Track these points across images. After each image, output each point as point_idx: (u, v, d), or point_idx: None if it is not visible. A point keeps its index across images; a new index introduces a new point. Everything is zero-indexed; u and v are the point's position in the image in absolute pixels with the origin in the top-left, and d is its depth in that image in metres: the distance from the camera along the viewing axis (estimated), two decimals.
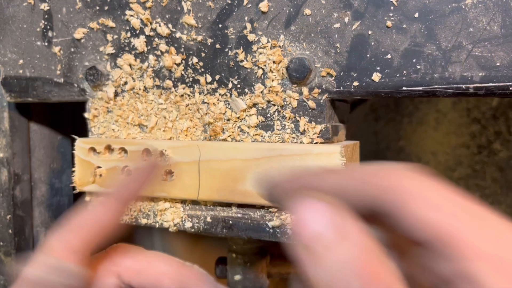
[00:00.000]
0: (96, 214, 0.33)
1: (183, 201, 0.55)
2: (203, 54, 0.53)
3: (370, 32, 0.46)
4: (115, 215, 0.34)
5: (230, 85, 0.52)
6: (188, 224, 0.55)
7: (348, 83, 0.47)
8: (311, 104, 0.49)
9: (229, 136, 0.53)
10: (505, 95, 0.42)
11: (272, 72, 0.50)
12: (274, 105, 0.50)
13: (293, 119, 0.50)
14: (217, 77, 0.53)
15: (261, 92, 0.51)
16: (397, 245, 0.27)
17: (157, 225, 0.57)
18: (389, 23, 0.45)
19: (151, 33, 0.55)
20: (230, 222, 0.53)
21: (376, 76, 0.45)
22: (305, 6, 0.48)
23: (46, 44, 0.61)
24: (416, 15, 0.44)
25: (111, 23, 0.57)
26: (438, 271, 0.24)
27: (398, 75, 0.45)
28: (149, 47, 0.55)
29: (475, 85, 0.42)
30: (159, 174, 0.53)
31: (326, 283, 0.21)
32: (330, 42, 0.47)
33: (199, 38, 0.53)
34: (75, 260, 0.31)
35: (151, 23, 0.55)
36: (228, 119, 0.52)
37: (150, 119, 0.56)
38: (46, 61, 0.61)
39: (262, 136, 0.51)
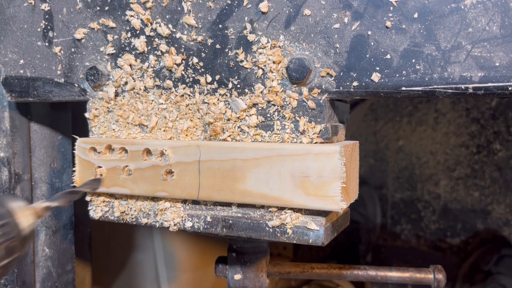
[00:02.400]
0: None
1: (184, 201, 0.56)
2: (203, 54, 0.53)
3: (369, 33, 0.46)
4: None
5: (230, 85, 0.52)
6: (188, 224, 0.55)
7: (348, 83, 0.47)
8: (311, 104, 0.49)
9: (229, 136, 0.53)
10: (504, 95, 0.42)
11: (272, 72, 0.50)
12: (274, 105, 0.51)
13: (293, 119, 0.50)
14: (217, 77, 0.53)
15: (261, 92, 0.51)
16: None
17: (157, 225, 0.57)
18: (388, 24, 0.45)
19: (152, 33, 0.55)
20: (230, 221, 0.53)
21: (375, 76, 0.46)
22: (304, 7, 0.48)
23: (47, 44, 0.61)
24: (416, 15, 0.44)
25: (111, 23, 0.57)
26: None
27: (397, 75, 0.45)
28: (149, 47, 0.56)
29: (474, 85, 0.42)
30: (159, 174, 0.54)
31: None
32: (329, 42, 0.48)
33: (199, 38, 0.53)
34: None
35: (151, 24, 0.55)
36: (228, 119, 0.53)
37: (151, 119, 0.56)
38: (46, 61, 0.61)
39: (262, 136, 0.52)
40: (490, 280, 1.24)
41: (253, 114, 0.52)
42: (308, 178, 0.47)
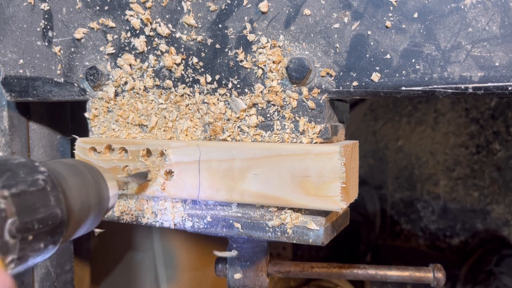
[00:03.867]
0: None
1: (184, 201, 0.56)
2: (203, 54, 0.53)
3: (369, 32, 0.46)
4: None
5: (230, 85, 0.52)
6: (188, 224, 0.55)
7: (348, 83, 0.47)
8: (311, 104, 0.49)
9: (229, 136, 0.53)
10: (504, 95, 0.42)
11: (272, 72, 0.50)
12: (274, 105, 0.51)
13: (293, 119, 0.50)
14: (217, 77, 0.53)
15: (261, 92, 0.51)
16: None
17: (157, 225, 0.57)
18: (388, 23, 0.45)
19: (151, 33, 0.55)
20: (230, 221, 0.53)
21: (375, 76, 0.46)
22: (304, 6, 0.48)
23: (46, 44, 0.61)
24: (416, 15, 0.44)
25: (111, 23, 0.57)
26: None
27: (397, 75, 0.45)
28: (149, 47, 0.56)
29: (474, 85, 0.42)
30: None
31: None
32: (329, 42, 0.48)
33: (199, 38, 0.53)
34: None
35: (151, 23, 0.55)
36: (228, 119, 0.53)
37: (151, 119, 0.56)
38: (46, 61, 0.61)
39: (262, 136, 0.52)
40: (493, 280, 1.24)
41: (253, 114, 0.52)
42: (308, 178, 0.47)
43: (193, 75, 0.54)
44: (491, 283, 1.24)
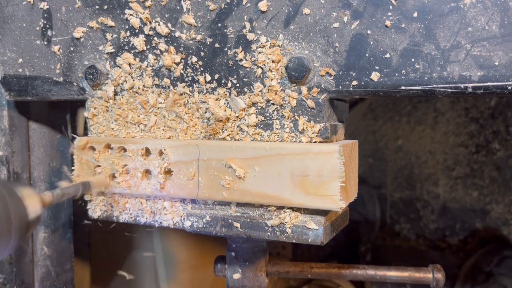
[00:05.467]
0: None
1: (183, 200, 0.56)
2: (202, 53, 0.53)
3: (369, 32, 0.46)
4: None
5: (229, 84, 0.52)
6: (187, 223, 0.55)
7: (347, 83, 0.47)
8: (310, 103, 0.49)
9: (228, 135, 0.53)
10: (504, 94, 0.42)
11: (271, 71, 0.50)
12: (273, 104, 0.51)
13: (292, 118, 0.50)
14: (216, 76, 0.53)
15: (260, 91, 0.51)
16: None
17: (156, 224, 0.57)
18: (388, 23, 0.45)
19: (151, 32, 0.55)
20: (229, 221, 0.53)
21: (375, 76, 0.46)
22: (304, 6, 0.48)
23: (46, 43, 0.61)
24: (415, 14, 0.44)
25: (110, 22, 0.57)
26: None
27: (396, 74, 0.45)
28: (148, 46, 0.56)
29: (473, 84, 0.42)
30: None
31: None
32: (329, 41, 0.48)
33: (199, 37, 0.53)
34: None
35: (150, 22, 0.55)
36: (228, 118, 0.53)
37: (150, 118, 0.56)
38: (45, 60, 0.61)
39: (261, 135, 0.51)
40: (492, 281, 1.24)
41: (252, 113, 0.52)
42: (307, 177, 0.47)
43: (192, 74, 0.54)
44: (490, 284, 1.24)
